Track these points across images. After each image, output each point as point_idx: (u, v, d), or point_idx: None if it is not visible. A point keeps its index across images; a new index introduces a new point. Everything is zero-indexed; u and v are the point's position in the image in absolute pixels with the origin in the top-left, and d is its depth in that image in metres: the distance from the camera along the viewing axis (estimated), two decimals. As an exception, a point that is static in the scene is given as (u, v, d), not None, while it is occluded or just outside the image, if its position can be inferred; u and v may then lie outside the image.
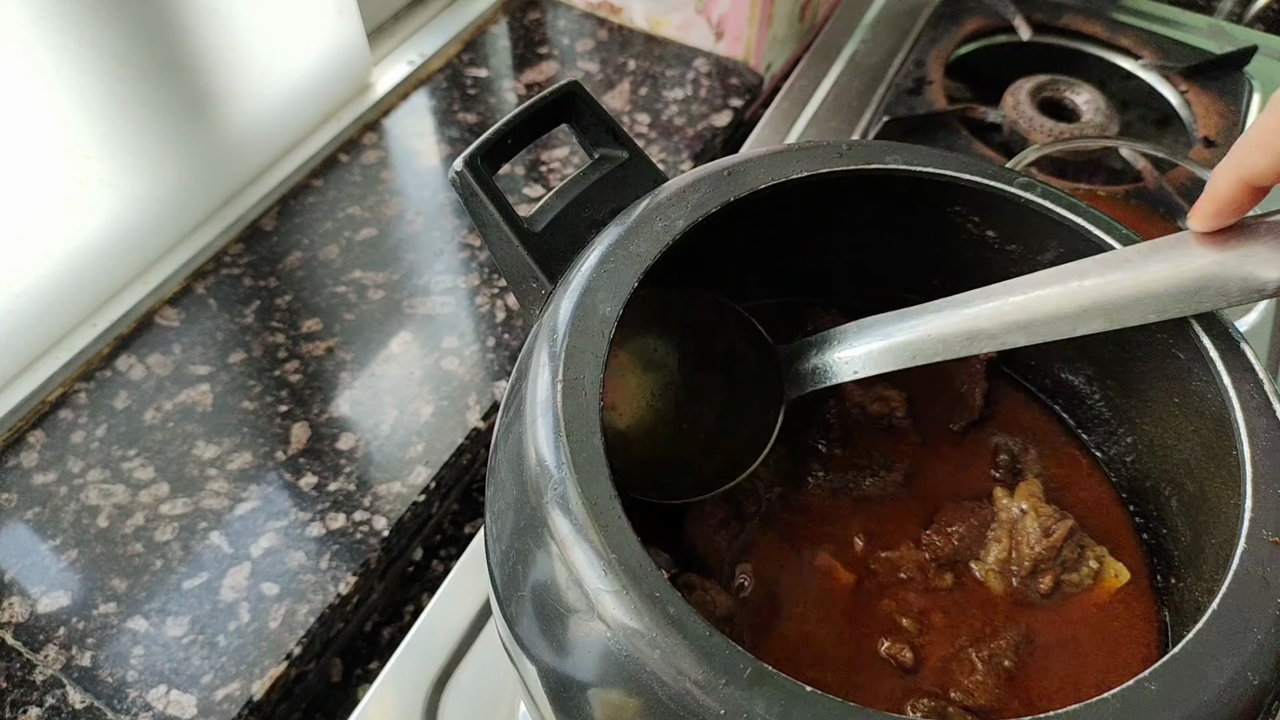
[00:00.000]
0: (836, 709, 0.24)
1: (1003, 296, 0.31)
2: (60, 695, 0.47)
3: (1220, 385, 0.30)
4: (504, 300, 0.63)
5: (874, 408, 0.40)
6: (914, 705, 0.33)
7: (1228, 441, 0.30)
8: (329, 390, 0.58)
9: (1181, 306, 0.29)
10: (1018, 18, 0.76)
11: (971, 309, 0.32)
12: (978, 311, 0.32)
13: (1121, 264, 0.30)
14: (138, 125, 0.58)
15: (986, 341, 0.31)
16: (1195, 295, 0.29)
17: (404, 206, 0.68)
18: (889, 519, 0.38)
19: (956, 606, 0.35)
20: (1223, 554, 0.29)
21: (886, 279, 0.43)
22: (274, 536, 0.52)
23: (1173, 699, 0.24)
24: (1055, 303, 0.30)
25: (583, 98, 0.36)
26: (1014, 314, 0.31)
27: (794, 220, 0.39)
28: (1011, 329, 0.31)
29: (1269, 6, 0.88)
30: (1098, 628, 0.35)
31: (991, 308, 0.31)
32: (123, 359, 0.60)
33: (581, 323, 0.30)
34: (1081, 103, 0.68)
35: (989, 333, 0.31)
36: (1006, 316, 0.31)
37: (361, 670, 0.54)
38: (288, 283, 0.64)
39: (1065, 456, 0.40)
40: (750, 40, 0.78)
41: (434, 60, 0.78)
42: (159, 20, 0.56)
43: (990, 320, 0.31)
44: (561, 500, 0.27)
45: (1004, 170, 0.36)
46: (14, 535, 0.52)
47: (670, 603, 0.25)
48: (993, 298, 0.32)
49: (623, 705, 0.26)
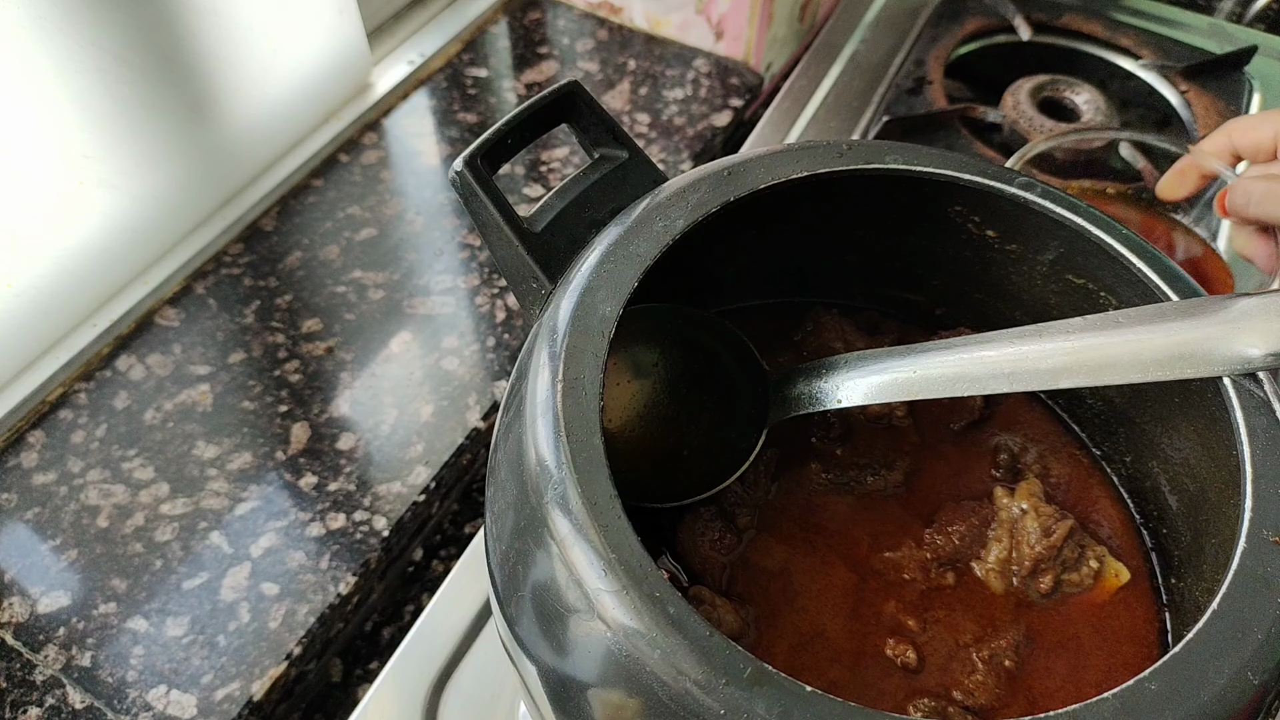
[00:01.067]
0: (837, 709, 0.24)
1: (990, 347, 0.32)
2: (60, 695, 0.47)
3: (1220, 385, 0.30)
4: (504, 300, 0.63)
5: (874, 407, 0.40)
6: (915, 705, 0.33)
7: (1228, 441, 0.30)
8: (329, 390, 0.58)
9: (1165, 371, 0.29)
10: (1018, 18, 0.76)
11: (959, 354, 0.33)
12: (965, 358, 0.32)
13: (1111, 326, 0.30)
14: (137, 125, 0.58)
15: (970, 385, 0.32)
16: (1181, 362, 0.29)
17: (404, 206, 0.68)
18: (890, 519, 0.38)
19: (958, 606, 0.35)
20: (1223, 554, 0.29)
21: (887, 279, 0.43)
22: (274, 536, 0.52)
23: (1173, 699, 0.24)
24: (1040, 358, 0.31)
25: (583, 98, 0.36)
26: (999, 364, 0.32)
27: (794, 220, 0.39)
28: (996, 377, 0.32)
29: (1269, 6, 0.88)
30: (1098, 628, 0.35)
31: (977, 357, 0.32)
32: (123, 359, 0.60)
33: (581, 323, 0.30)
34: (1081, 103, 0.68)
35: (974, 378, 0.32)
36: (992, 366, 0.32)
37: (361, 670, 0.54)
38: (288, 283, 0.64)
39: (1065, 456, 0.40)
40: (750, 40, 0.78)
41: (434, 60, 0.78)
42: (159, 20, 0.56)
43: (976, 368, 0.32)
44: (561, 500, 0.27)
45: (1004, 170, 0.36)
46: (14, 535, 0.52)
47: (670, 603, 0.25)
48: (980, 347, 0.32)
49: (623, 705, 0.26)
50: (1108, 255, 0.34)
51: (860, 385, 0.35)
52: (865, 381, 0.34)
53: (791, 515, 0.38)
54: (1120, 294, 0.35)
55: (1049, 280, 0.38)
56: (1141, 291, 0.34)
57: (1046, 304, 0.39)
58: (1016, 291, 0.40)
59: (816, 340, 0.42)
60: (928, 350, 0.33)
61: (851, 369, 0.35)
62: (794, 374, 0.37)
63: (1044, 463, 0.40)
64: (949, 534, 0.37)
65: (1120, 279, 0.35)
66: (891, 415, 0.40)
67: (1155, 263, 0.33)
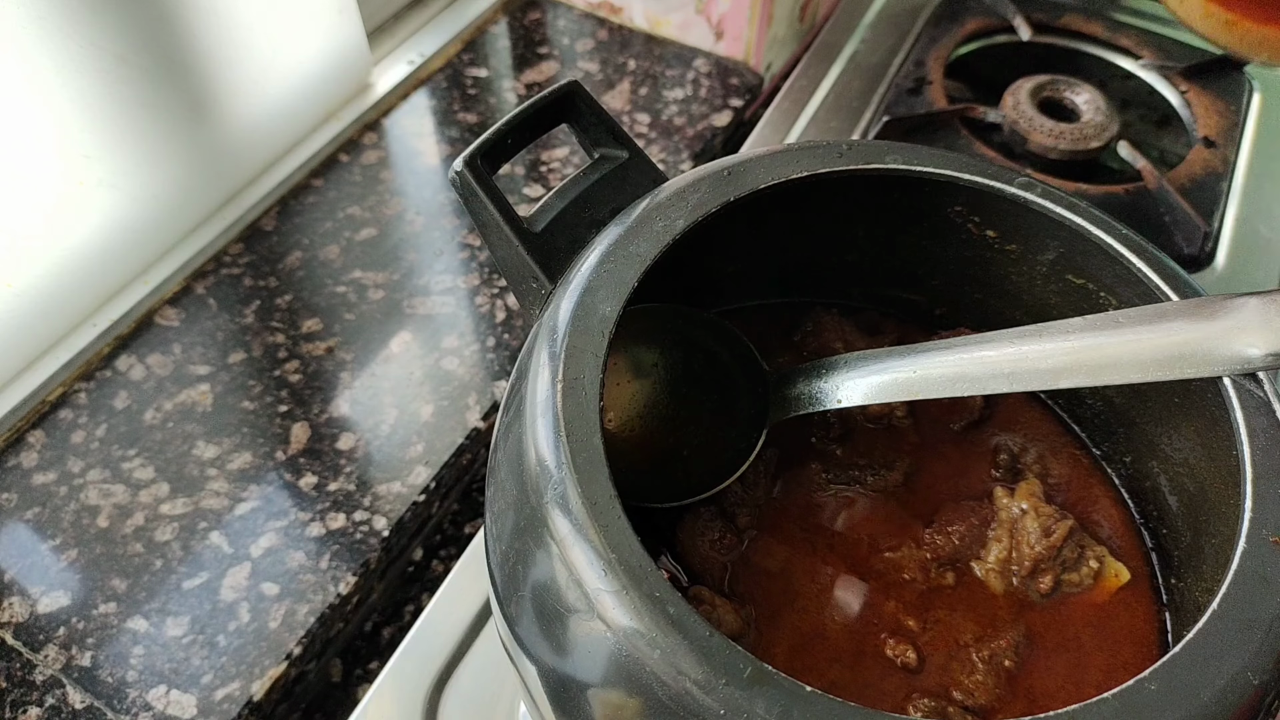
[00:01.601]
0: (837, 709, 0.24)
1: (990, 347, 0.32)
2: (60, 695, 0.47)
3: (1220, 385, 0.30)
4: (504, 300, 0.63)
5: (874, 407, 0.40)
6: (915, 705, 0.33)
7: (1228, 441, 0.30)
8: (329, 390, 0.58)
9: (1165, 371, 0.29)
10: (1018, 18, 0.76)
11: (959, 354, 0.33)
12: (965, 358, 0.32)
13: (1111, 325, 0.30)
14: (137, 125, 0.58)
15: (970, 385, 0.32)
16: (1181, 362, 0.29)
17: (404, 206, 0.68)
18: (890, 518, 0.38)
19: (958, 606, 0.35)
20: (1223, 554, 0.29)
21: (887, 279, 0.43)
22: (274, 536, 0.52)
23: (1173, 699, 0.24)
24: (1040, 358, 0.31)
25: (583, 98, 0.36)
26: (999, 364, 0.32)
27: (794, 220, 0.39)
28: (996, 377, 0.32)
29: (1269, 6, 0.88)
30: (1098, 628, 0.35)
31: (977, 357, 0.32)
32: (123, 359, 0.60)
33: (581, 323, 0.30)
34: (1081, 103, 0.68)
35: (973, 378, 0.32)
36: (992, 366, 0.32)
37: (361, 670, 0.54)
38: (288, 283, 0.64)
39: (1065, 456, 0.40)
40: (750, 40, 0.78)
41: (434, 60, 0.78)
42: (159, 20, 0.56)
43: (976, 368, 0.32)
44: (561, 500, 0.27)
45: (1004, 170, 0.36)
46: (14, 535, 0.52)
47: (670, 603, 0.25)
48: (980, 347, 0.32)
49: (623, 705, 0.26)
50: (1108, 255, 0.34)
51: (860, 385, 0.35)
52: (865, 381, 0.35)
53: (791, 515, 0.38)
54: (1120, 294, 0.35)
55: (1049, 280, 0.38)
56: (1141, 291, 0.34)
57: (1046, 304, 0.39)
58: (1016, 291, 0.40)
59: (816, 340, 0.42)
60: (928, 350, 0.33)
61: (851, 369, 0.35)
62: (794, 374, 0.37)
63: (1044, 463, 0.40)
64: (949, 534, 0.37)
65: (1120, 279, 0.35)
66: (891, 415, 0.40)
67: (1155, 263, 0.33)
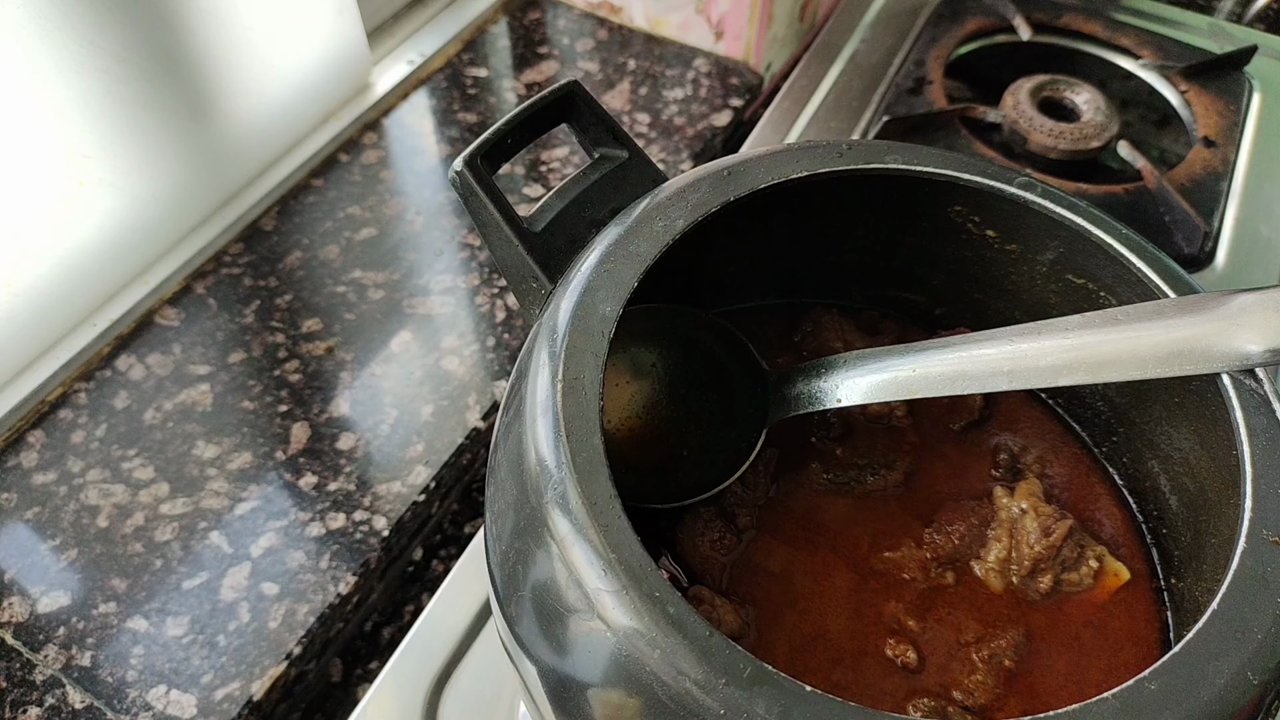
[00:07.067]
0: (836, 709, 0.24)
1: (990, 345, 0.32)
2: (60, 695, 0.47)
3: (1220, 385, 0.30)
4: (504, 300, 0.63)
5: (874, 407, 0.40)
6: (915, 705, 0.33)
7: (1228, 441, 0.30)
8: (329, 390, 0.58)
9: (1164, 368, 0.29)
10: (1018, 17, 0.76)
11: (958, 353, 0.33)
12: (964, 357, 0.32)
13: (1110, 323, 0.30)
14: (137, 125, 0.58)
15: (969, 383, 0.32)
16: (1180, 359, 0.29)
17: (404, 206, 0.68)
18: (890, 518, 0.38)
19: (958, 606, 0.35)
20: (1223, 554, 0.29)
21: (886, 279, 0.43)
22: (274, 536, 0.52)
23: (1173, 699, 0.24)
24: (1039, 355, 0.31)
25: (582, 97, 0.36)
26: (999, 362, 0.32)
27: (794, 220, 0.39)
28: (995, 375, 0.32)
29: (1269, 6, 0.88)
30: (1098, 627, 0.35)
31: (977, 355, 0.32)
32: (123, 359, 0.60)
33: (581, 322, 0.30)
34: (1081, 103, 0.68)
35: (973, 376, 0.32)
36: (991, 364, 0.32)
37: (361, 670, 0.54)
38: (288, 283, 0.64)
39: (1065, 456, 0.40)
40: (750, 40, 0.78)
41: (434, 60, 0.78)
42: (159, 20, 0.56)
43: (975, 366, 0.32)
44: (561, 500, 0.27)
45: (1004, 170, 0.36)
46: (14, 535, 0.52)
47: (670, 603, 0.25)
48: (979, 345, 0.32)
49: (623, 705, 0.26)
50: (1108, 255, 0.34)
51: (860, 384, 0.35)
52: (865, 380, 0.34)
53: (792, 515, 0.38)
54: (1120, 294, 0.35)
55: (1049, 280, 0.38)
56: (1141, 291, 0.34)
57: (1046, 304, 0.39)
58: (1016, 291, 0.40)
59: (816, 340, 0.42)
60: (927, 349, 0.33)
61: (851, 368, 0.35)
62: (794, 374, 0.37)
63: (1044, 463, 0.40)
64: (949, 534, 0.37)
65: (1120, 279, 0.35)
66: (891, 415, 0.40)
67: (1155, 262, 0.33)
